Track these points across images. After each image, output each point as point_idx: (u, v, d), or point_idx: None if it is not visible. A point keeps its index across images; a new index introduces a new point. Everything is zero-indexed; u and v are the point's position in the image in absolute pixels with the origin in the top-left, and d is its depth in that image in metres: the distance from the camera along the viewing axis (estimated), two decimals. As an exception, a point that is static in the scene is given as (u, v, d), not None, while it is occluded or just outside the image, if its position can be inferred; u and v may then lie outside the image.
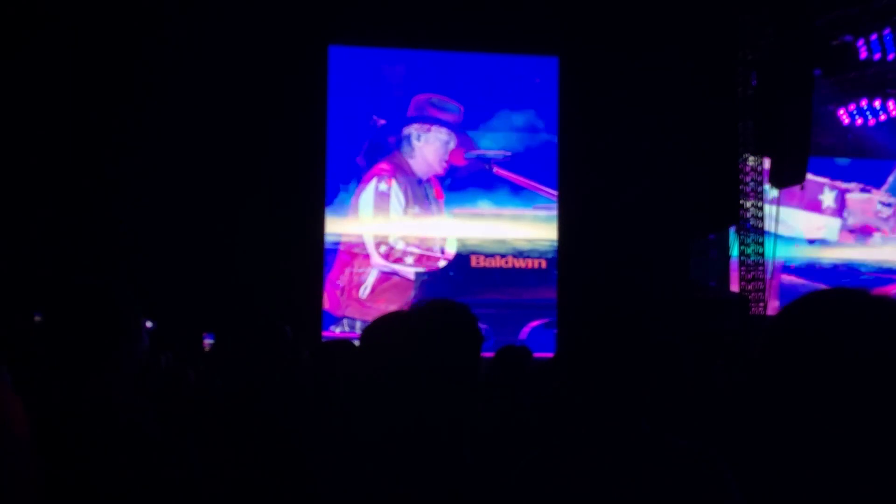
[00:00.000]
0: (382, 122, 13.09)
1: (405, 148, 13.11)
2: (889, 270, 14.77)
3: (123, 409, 1.77)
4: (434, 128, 13.17)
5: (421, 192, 13.10)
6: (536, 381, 3.38)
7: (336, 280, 12.81)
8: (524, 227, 13.27)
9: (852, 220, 14.85)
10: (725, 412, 2.86)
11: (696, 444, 1.53)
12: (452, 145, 13.18)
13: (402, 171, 13.10)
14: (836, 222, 14.87)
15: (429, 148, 13.14)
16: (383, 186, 13.02)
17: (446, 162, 13.15)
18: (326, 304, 12.70)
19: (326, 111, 12.95)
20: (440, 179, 13.17)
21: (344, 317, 12.71)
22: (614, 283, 11.96)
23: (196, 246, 11.53)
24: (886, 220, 15.06)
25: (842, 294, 1.10)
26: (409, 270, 12.99)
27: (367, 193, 13.02)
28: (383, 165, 13.09)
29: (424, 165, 13.13)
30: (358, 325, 12.54)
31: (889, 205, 15.03)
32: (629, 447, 1.53)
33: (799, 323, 1.10)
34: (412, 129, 13.15)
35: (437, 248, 13.12)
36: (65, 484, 1.58)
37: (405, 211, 13.05)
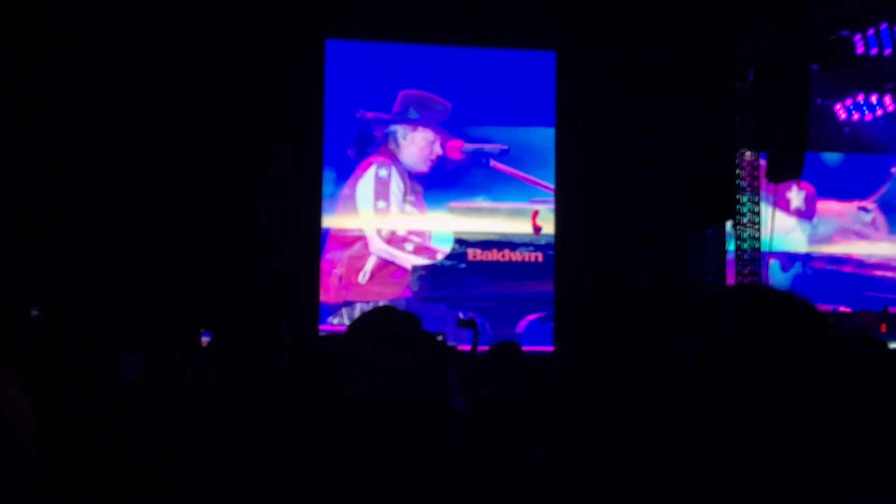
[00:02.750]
0: (370, 115, 13.09)
1: (391, 144, 13.14)
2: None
3: (128, 407, 1.78)
4: (420, 128, 13.18)
5: (411, 183, 13.14)
6: (530, 376, 3.39)
7: (332, 269, 12.82)
8: (521, 221, 13.28)
9: (823, 230, 14.67)
10: (722, 409, 2.85)
11: (700, 446, 1.53)
12: (438, 145, 13.19)
13: (397, 161, 13.14)
14: (805, 227, 14.68)
15: (414, 147, 13.17)
16: (383, 173, 13.06)
17: (432, 161, 13.17)
18: (323, 296, 12.70)
19: (323, 104, 12.94)
20: (423, 178, 13.19)
21: (343, 303, 12.73)
22: (611, 277, 11.99)
23: (191, 242, 11.50)
24: (865, 226, 14.82)
25: (747, 290, 1.14)
26: (407, 258, 13.01)
27: (367, 180, 13.04)
28: (381, 157, 13.11)
29: (410, 162, 13.16)
30: (358, 310, 12.53)
31: (869, 210, 14.79)
32: (631, 449, 1.53)
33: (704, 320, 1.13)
34: (398, 128, 13.16)
35: (432, 241, 13.15)
36: (69, 483, 1.59)
37: (404, 198, 13.08)
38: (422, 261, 13.09)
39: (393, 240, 13.03)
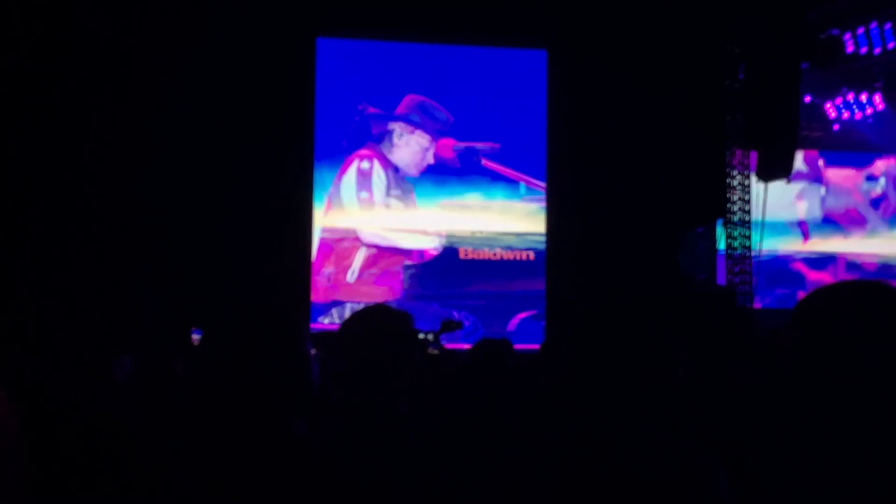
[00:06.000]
0: (372, 109, 13.06)
1: (385, 143, 13.11)
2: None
3: (115, 405, 1.77)
4: (418, 132, 13.15)
5: (398, 178, 13.12)
6: (518, 374, 3.38)
7: (321, 268, 12.80)
8: (512, 220, 13.28)
9: (832, 202, 14.59)
10: (714, 407, 2.86)
11: (686, 442, 1.53)
12: (431, 153, 13.17)
13: (383, 158, 13.11)
14: (815, 190, 14.49)
15: (408, 150, 13.14)
16: (365, 165, 13.04)
17: (422, 168, 13.16)
18: (313, 296, 12.67)
19: (314, 103, 12.91)
20: (414, 180, 13.17)
21: (333, 302, 12.69)
22: (602, 275, 12.00)
23: (181, 240, 11.47)
24: (874, 201, 14.75)
25: (860, 286, 1.09)
26: (399, 237, 12.99)
27: (350, 175, 13.03)
28: (364, 151, 13.09)
29: (401, 163, 13.14)
30: (348, 310, 12.49)
31: (875, 178, 14.73)
32: (617, 445, 1.52)
33: (816, 316, 1.09)
34: (396, 126, 13.13)
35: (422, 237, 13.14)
36: (55, 481, 1.58)
37: (388, 192, 13.05)
38: (413, 241, 13.05)
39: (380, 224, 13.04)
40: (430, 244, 13.12)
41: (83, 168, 11.29)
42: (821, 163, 14.55)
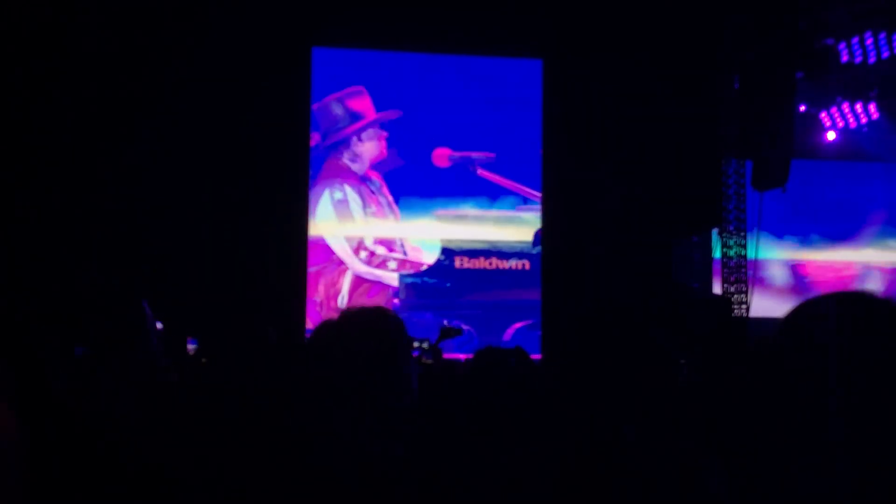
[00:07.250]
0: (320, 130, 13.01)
1: (345, 152, 13.00)
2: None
3: (124, 410, 1.76)
4: (365, 133, 13.07)
5: (367, 189, 13.03)
6: (518, 383, 3.37)
7: (312, 296, 12.69)
8: (508, 229, 13.28)
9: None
10: (709, 413, 2.86)
11: (686, 442, 1.53)
12: (384, 142, 13.10)
13: (347, 174, 13.02)
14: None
15: (367, 146, 13.05)
16: (338, 195, 12.91)
17: (385, 153, 13.06)
18: (308, 323, 12.48)
19: (310, 113, 12.90)
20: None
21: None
22: (598, 284, 12.00)
23: (178, 249, 11.44)
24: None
25: (846, 297, 1.09)
26: (392, 276, 12.94)
27: (324, 205, 12.90)
28: (327, 174, 12.98)
29: (365, 164, 13.04)
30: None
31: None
32: (617, 446, 1.52)
33: (801, 325, 1.09)
34: (351, 137, 13.04)
35: (406, 246, 13.05)
36: (56, 485, 1.56)
37: (365, 212, 12.97)
38: (409, 270, 13.04)
39: (371, 260, 12.93)
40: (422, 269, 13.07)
41: (74, 176, 11.27)
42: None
